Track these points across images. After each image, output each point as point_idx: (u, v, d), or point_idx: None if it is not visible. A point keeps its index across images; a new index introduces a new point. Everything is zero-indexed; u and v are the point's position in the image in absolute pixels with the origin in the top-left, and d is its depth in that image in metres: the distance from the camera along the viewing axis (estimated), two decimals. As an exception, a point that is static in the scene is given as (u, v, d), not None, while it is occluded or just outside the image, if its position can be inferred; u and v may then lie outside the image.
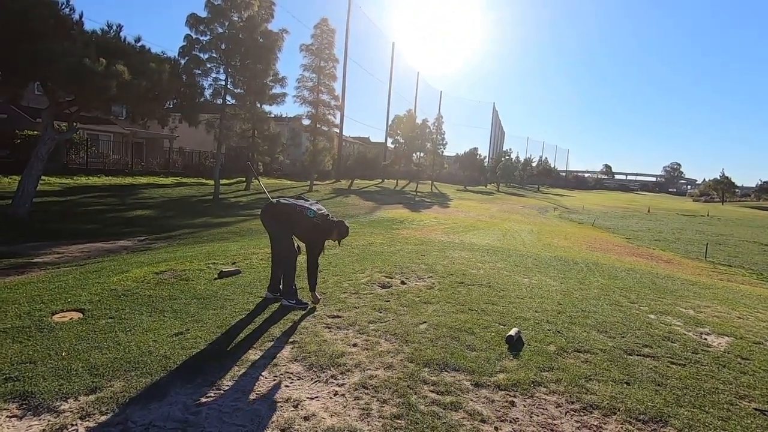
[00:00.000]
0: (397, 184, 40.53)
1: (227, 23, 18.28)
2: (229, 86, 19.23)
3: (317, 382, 2.75)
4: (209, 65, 18.47)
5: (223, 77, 19.01)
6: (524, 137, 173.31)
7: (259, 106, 21.59)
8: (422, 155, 45.34)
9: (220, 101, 19.19)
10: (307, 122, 27.92)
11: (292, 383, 2.72)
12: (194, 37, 17.96)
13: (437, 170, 47.52)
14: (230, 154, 28.87)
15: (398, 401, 2.54)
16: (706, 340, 3.92)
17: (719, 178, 66.95)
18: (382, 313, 4.04)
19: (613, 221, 25.43)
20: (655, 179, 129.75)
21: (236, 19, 18.48)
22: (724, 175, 66.63)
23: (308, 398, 2.55)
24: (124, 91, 10.70)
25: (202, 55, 18.13)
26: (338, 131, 33.68)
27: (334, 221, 4.11)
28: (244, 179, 24.43)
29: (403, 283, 5.15)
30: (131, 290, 4.31)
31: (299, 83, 26.47)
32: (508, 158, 64.66)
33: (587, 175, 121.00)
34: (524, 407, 2.59)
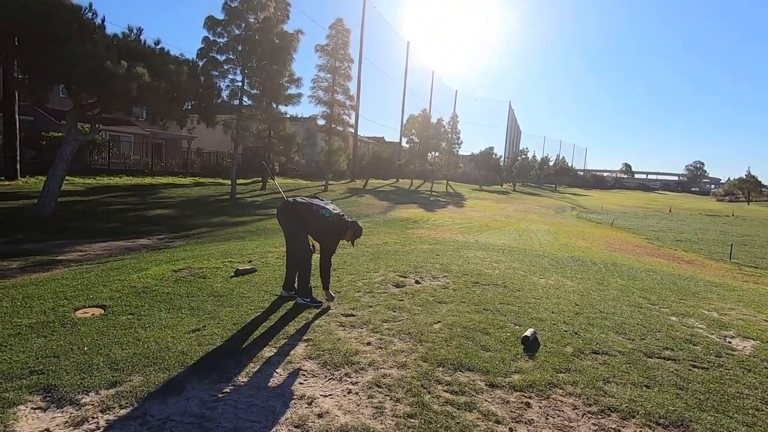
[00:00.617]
0: (411, 183, 40.39)
1: (244, 25, 18.48)
2: (245, 87, 19.45)
3: (331, 379, 2.76)
4: (226, 67, 18.70)
5: (239, 78, 19.25)
6: (541, 136, 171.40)
7: (275, 106, 21.77)
8: (437, 155, 45.06)
9: (236, 102, 19.42)
10: (322, 122, 28.09)
11: (306, 380, 2.74)
12: (212, 39, 18.21)
13: (452, 170, 47.10)
14: (247, 154, 29.22)
15: (412, 400, 2.53)
16: (730, 343, 3.80)
17: (745, 177, 64.81)
18: (396, 312, 4.03)
19: (633, 221, 24.84)
20: (676, 178, 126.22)
21: (253, 20, 18.67)
22: (750, 173, 64.48)
23: (322, 396, 2.56)
24: (144, 92, 10.94)
25: (219, 56, 18.38)
26: (353, 131, 33.71)
27: (348, 221, 4.14)
28: (260, 179, 24.70)
29: (417, 282, 5.14)
30: (150, 287, 4.41)
31: (314, 83, 26.61)
32: (524, 157, 63.75)
33: (606, 174, 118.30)
34: (540, 409, 2.55)
